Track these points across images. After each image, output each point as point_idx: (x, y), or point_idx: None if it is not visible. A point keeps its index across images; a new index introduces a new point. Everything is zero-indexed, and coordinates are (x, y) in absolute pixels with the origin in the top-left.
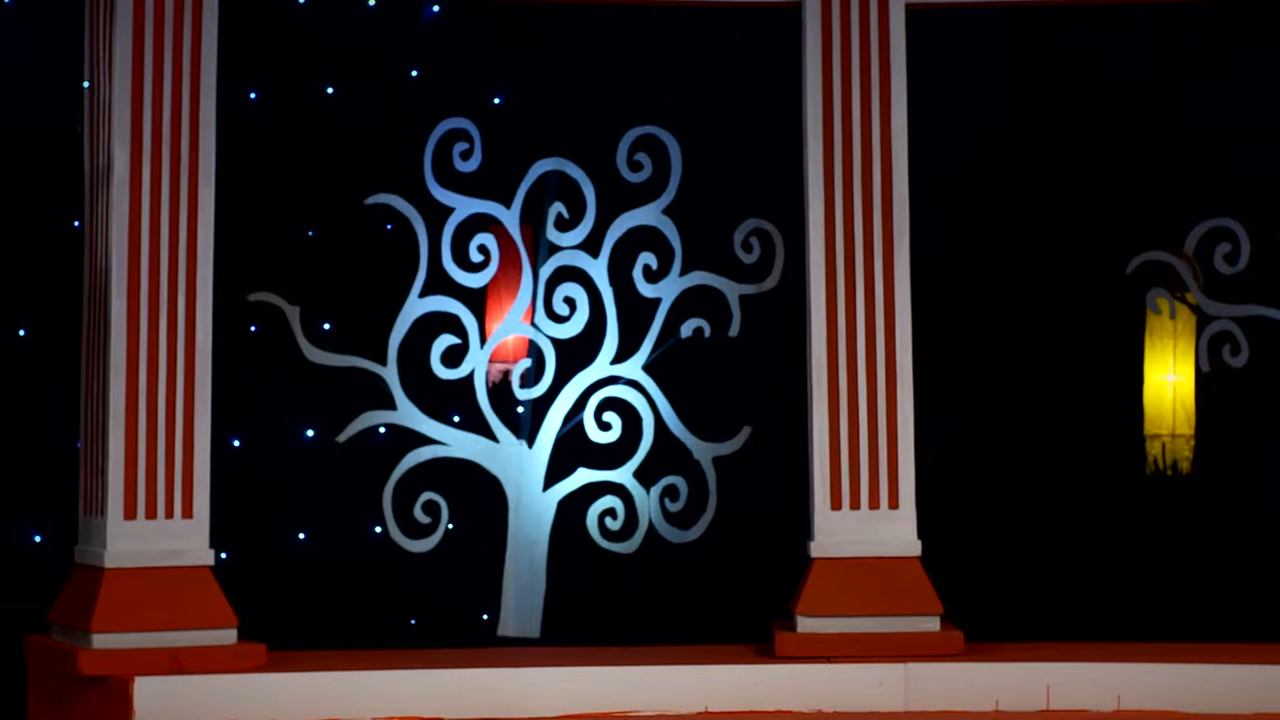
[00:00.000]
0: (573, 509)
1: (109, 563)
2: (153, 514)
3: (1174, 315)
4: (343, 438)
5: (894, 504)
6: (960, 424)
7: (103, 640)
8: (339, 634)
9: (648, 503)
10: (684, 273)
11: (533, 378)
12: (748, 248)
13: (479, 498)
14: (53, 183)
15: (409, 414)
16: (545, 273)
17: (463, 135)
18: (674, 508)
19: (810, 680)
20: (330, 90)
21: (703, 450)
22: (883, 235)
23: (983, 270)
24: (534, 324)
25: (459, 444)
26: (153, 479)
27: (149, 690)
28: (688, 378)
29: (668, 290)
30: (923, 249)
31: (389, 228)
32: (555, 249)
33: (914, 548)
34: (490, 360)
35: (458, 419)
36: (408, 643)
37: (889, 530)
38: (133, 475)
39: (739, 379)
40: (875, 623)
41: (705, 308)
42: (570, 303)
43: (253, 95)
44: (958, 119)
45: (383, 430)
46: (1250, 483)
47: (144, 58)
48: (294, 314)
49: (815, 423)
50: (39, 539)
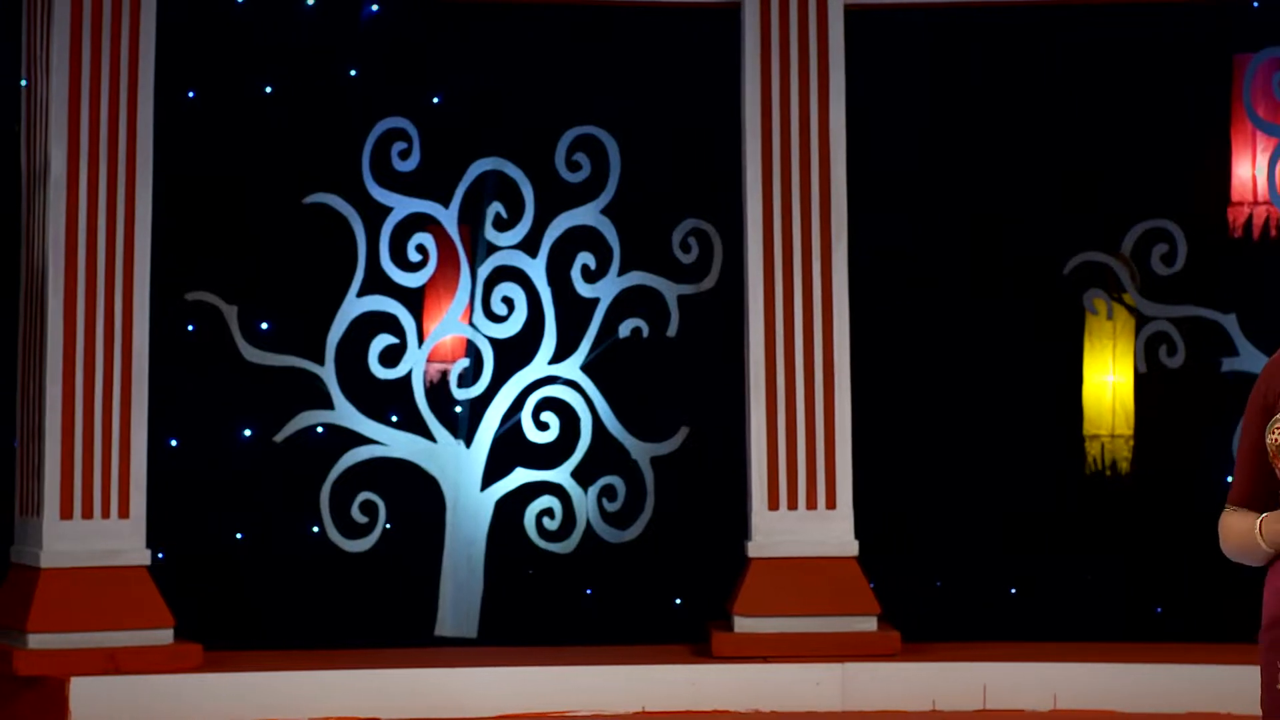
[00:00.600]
0: (510, 509)
1: (45, 563)
2: (89, 514)
3: (1111, 316)
4: (280, 437)
5: (831, 504)
6: (898, 425)
7: (38, 640)
8: (276, 634)
9: (585, 503)
10: (622, 273)
11: (471, 377)
12: (686, 248)
13: (416, 497)
14: None
15: (346, 414)
16: (483, 272)
17: (401, 135)
18: (612, 508)
19: (747, 680)
20: (269, 90)
21: (641, 450)
22: (821, 236)
23: (918, 271)
24: (472, 324)
25: (396, 444)
26: (89, 479)
27: (85, 691)
28: (626, 378)
29: (606, 290)
30: (857, 251)
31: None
32: (493, 249)
33: (851, 548)
34: (428, 360)
35: (395, 419)
36: (345, 643)
37: (826, 530)
38: (69, 475)
39: (677, 379)
40: (812, 623)
41: (643, 308)
42: (508, 302)
43: (191, 94)
44: (894, 119)
45: (320, 430)
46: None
47: (81, 56)
48: (231, 314)
49: (753, 423)
50: None
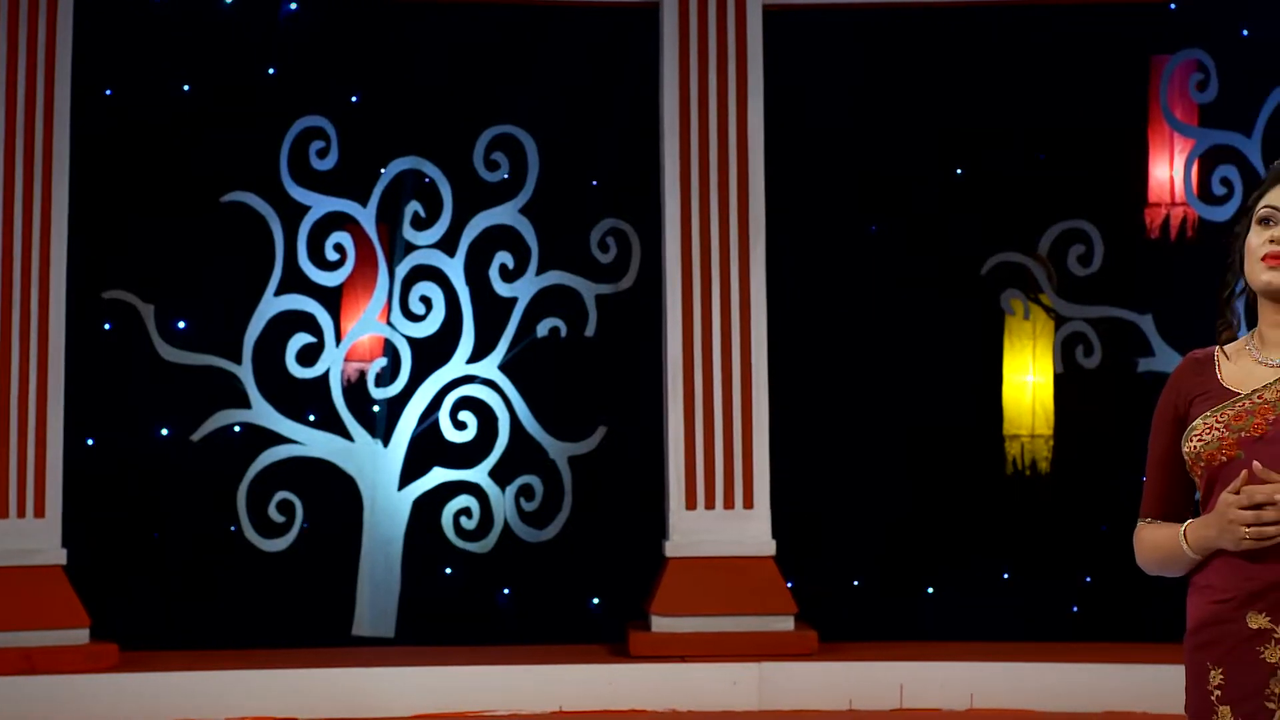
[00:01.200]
0: (428, 508)
1: None
2: (4, 513)
3: (1028, 316)
4: (197, 436)
5: (749, 504)
6: (816, 425)
7: None
8: (193, 634)
9: (503, 502)
10: (540, 272)
11: (388, 377)
12: (604, 247)
13: (334, 497)
14: None
15: (264, 413)
16: (401, 271)
17: (319, 134)
18: (529, 507)
19: (664, 680)
20: (186, 88)
21: (558, 450)
22: (739, 236)
23: (835, 272)
24: (390, 323)
25: (314, 443)
26: (4, 478)
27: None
28: (544, 377)
29: (524, 290)
30: (775, 251)
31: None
32: (411, 248)
33: (769, 547)
34: (346, 359)
35: (313, 418)
36: (262, 642)
37: (744, 530)
38: None
39: (595, 379)
40: (730, 622)
41: (561, 307)
42: (426, 302)
43: (108, 92)
44: (811, 122)
45: (237, 429)
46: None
47: None
48: (148, 312)
49: (670, 423)
50: None
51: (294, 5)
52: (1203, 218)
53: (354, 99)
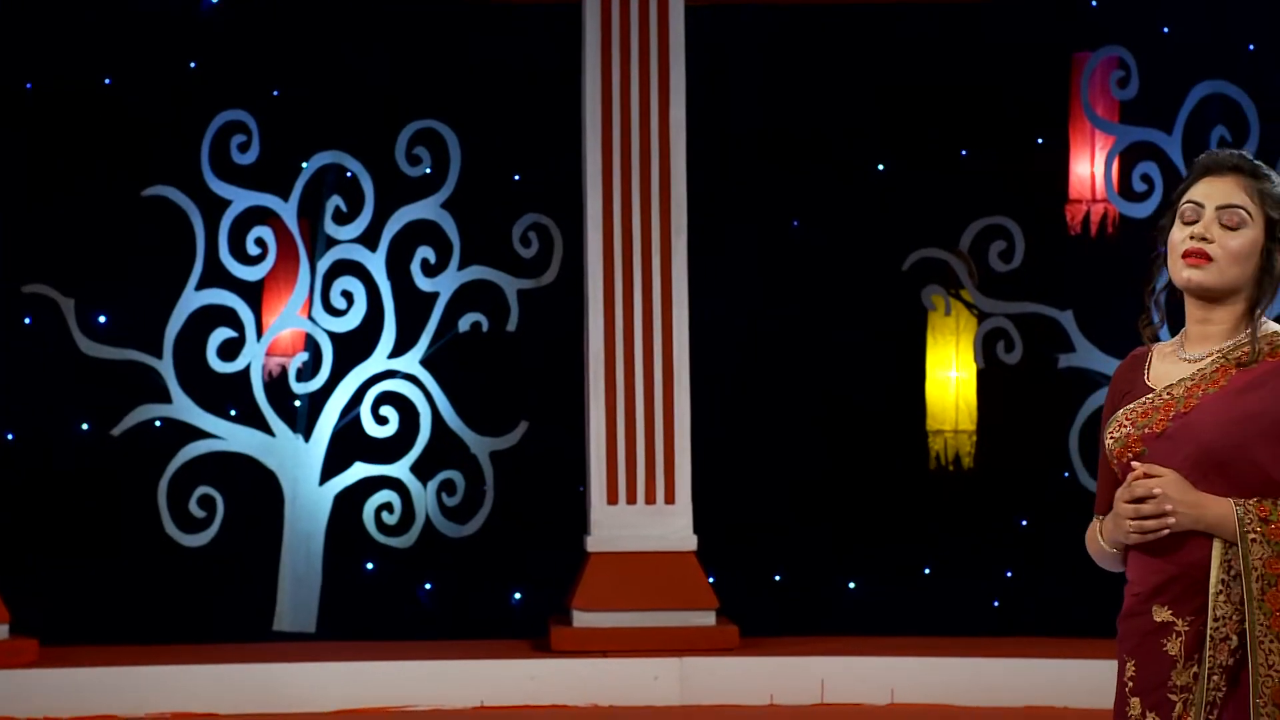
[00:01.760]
0: (349, 503)
1: None
2: None
3: (949, 312)
4: (118, 431)
5: (670, 499)
6: (739, 420)
7: None
8: (113, 629)
9: (425, 497)
10: (462, 267)
11: (310, 371)
12: (526, 242)
13: (255, 492)
14: None
15: (184, 407)
16: (323, 266)
17: (241, 127)
18: (451, 502)
19: (586, 675)
20: (108, 81)
21: (480, 445)
22: (661, 232)
23: (758, 267)
24: (311, 317)
25: (235, 438)
26: None
27: None
28: (465, 372)
29: (446, 284)
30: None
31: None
32: (333, 242)
33: (690, 542)
34: (267, 353)
35: (234, 412)
36: (183, 637)
37: (665, 525)
38: None
39: (517, 374)
40: (651, 617)
41: (483, 302)
42: (348, 296)
43: (29, 85)
44: (731, 117)
45: (158, 424)
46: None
47: None
48: (68, 306)
49: (592, 418)
50: None
51: None
52: (1123, 214)
53: (275, 93)
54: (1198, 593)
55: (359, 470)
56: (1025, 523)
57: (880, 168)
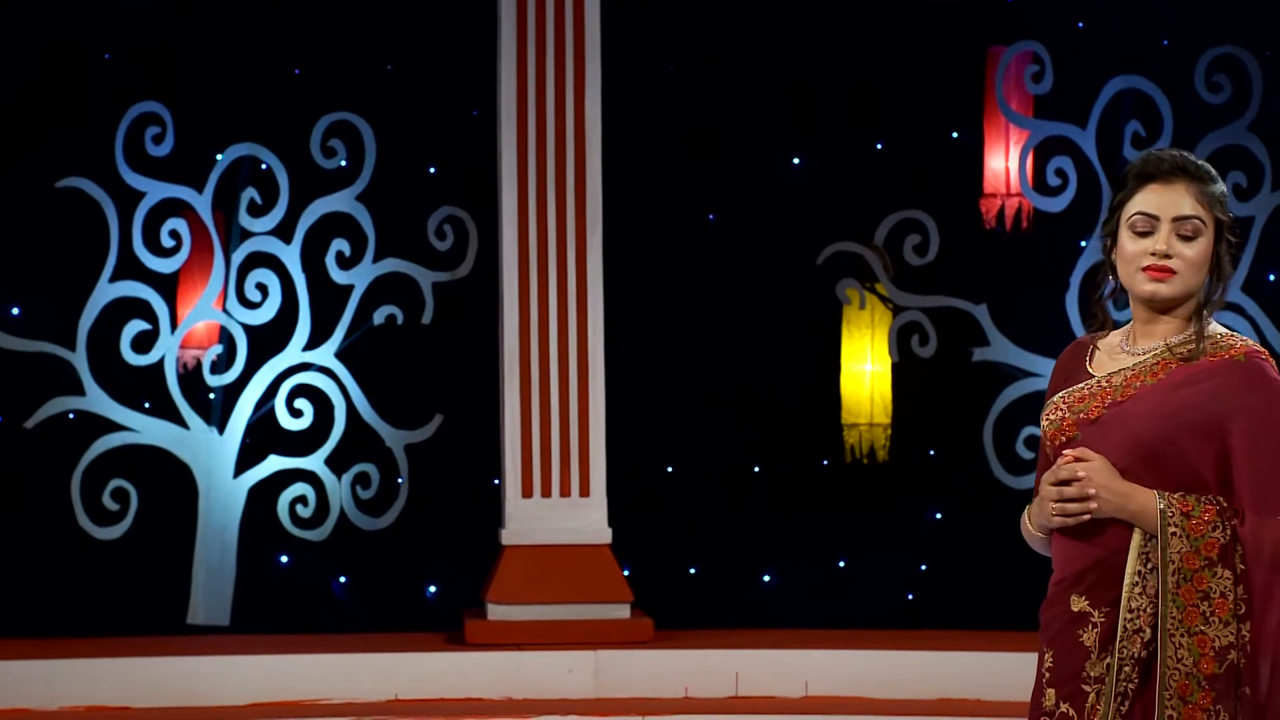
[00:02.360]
0: (263, 496)
1: None
2: None
3: (864, 305)
4: (30, 424)
5: (585, 492)
6: (654, 413)
7: None
8: (25, 622)
9: (339, 490)
10: (377, 259)
11: (224, 364)
12: (441, 235)
13: (169, 485)
14: None
15: (98, 400)
16: (238, 258)
17: (155, 119)
18: (366, 495)
19: (500, 668)
20: (20, 72)
21: (395, 438)
22: (576, 225)
23: (674, 261)
24: (226, 310)
25: (149, 430)
26: None
27: None
28: (380, 365)
29: (361, 277)
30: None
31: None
32: (248, 234)
33: (605, 535)
34: (181, 346)
35: (148, 405)
36: (96, 631)
37: (580, 518)
38: None
39: (431, 367)
40: (566, 610)
41: (398, 295)
42: (262, 289)
43: None
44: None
45: (71, 416)
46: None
47: None
48: None
49: (507, 411)
50: None
51: None
52: (1038, 208)
53: (190, 84)
54: (1114, 583)
55: (273, 463)
56: (940, 516)
57: (795, 162)
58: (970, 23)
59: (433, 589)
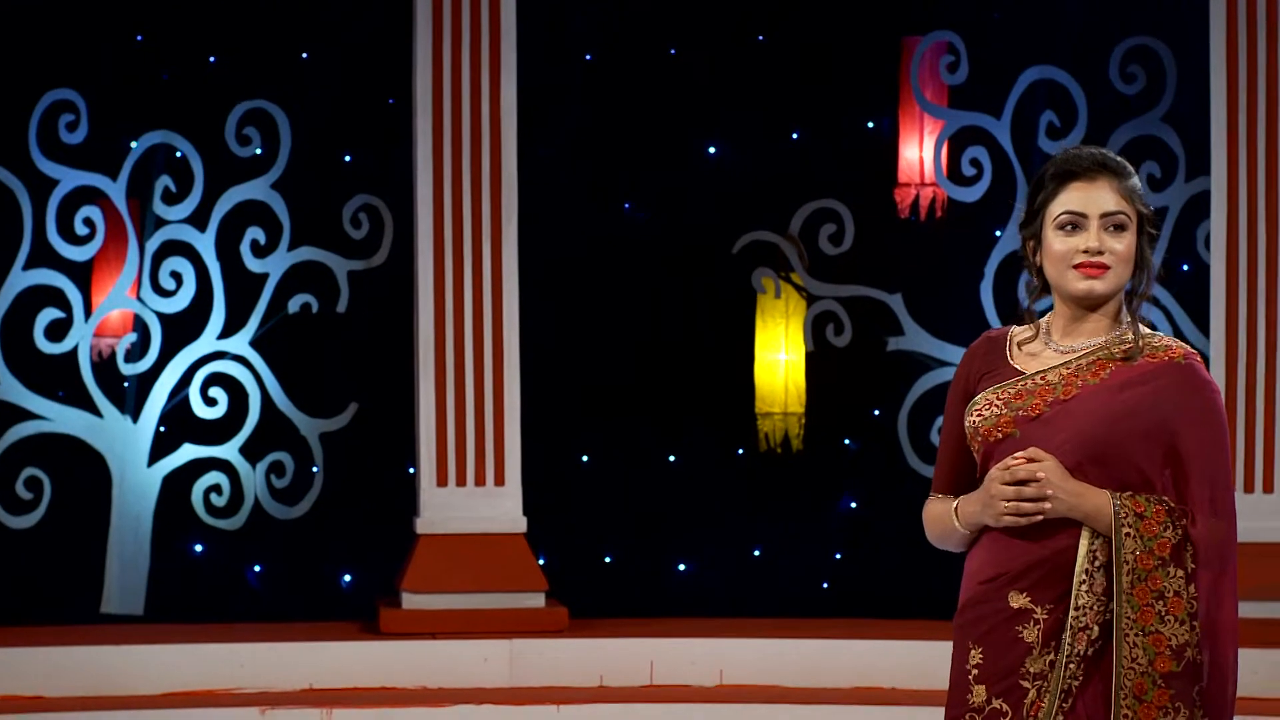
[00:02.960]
0: (178, 485)
1: None
2: None
3: (779, 295)
4: None
5: (500, 481)
6: (569, 402)
7: None
8: None
9: (254, 479)
10: (292, 248)
11: (138, 352)
12: (357, 223)
13: (83, 473)
14: None
15: (11, 388)
16: (152, 246)
17: (69, 106)
18: (280, 484)
19: (415, 657)
20: None
21: (310, 426)
22: (491, 215)
23: (589, 250)
24: (140, 298)
25: (62, 419)
26: None
27: None
28: (295, 353)
29: (275, 265)
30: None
31: None
32: (162, 222)
33: (520, 524)
34: (95, 334)
35: (62, 394)
36: (8, 620)
37: (495, 507)
38: None
39: (347, 355)
40: (481, 599)
41: (313, 283)
42: (177, 277)
43: None
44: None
45: None
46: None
47: None
48: None
49: (422, 400)
50: None
51: None
52: (952, 198)
53: (104, 71)
54: (1060, 580)
55: (188, 452)
56: (854, 505)
57: (712, 151)
58: (886, 13)
59: (347, 578)
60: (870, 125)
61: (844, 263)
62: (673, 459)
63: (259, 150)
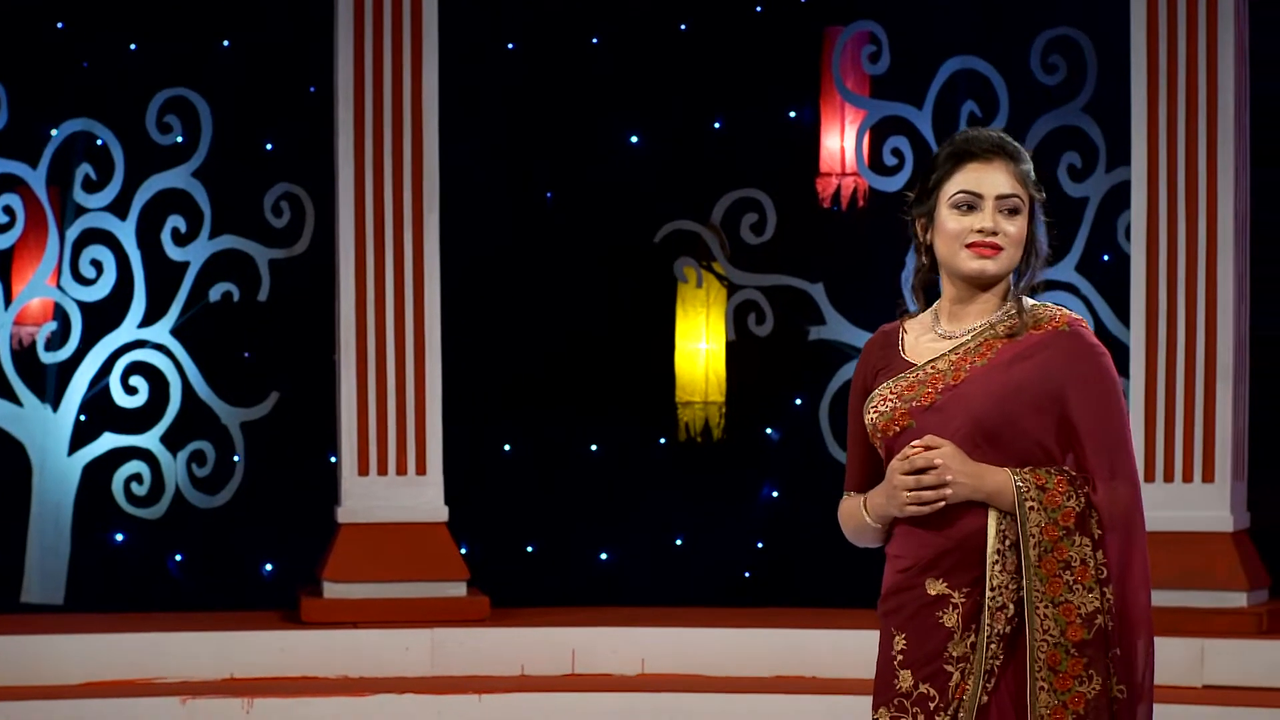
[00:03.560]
0: (98, 474)
1: None
2: None
3: (701, 284)
4: None
5: (421, 470)
6: (491, 391)
7: None
8: None
9: (175, 468)
10: (213, 236)
11: (58, 341)
12: (278, 212)
13: (2, 462)
14: None
15: None
16: (72, 235)
17: None
18: (201, 473)
19: (336, 646)
20: None
21: (231, 415)
22: (413, 205)
23: (511, 240)
24: (60, 286)
25: None
26: None
27: None
28: (216, 342)
29: (196, 253)
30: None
31: None
32: (82, 210)
33: (441, 514)
34: (15, 323)
35: None
36: None
37: (417, 496)
38: None
39: (268, 344)
40: (402, 588)
41: (234, 272)
42: (97, 265)
43: None
44: (486, 87)
45: None
46: (780, 449)
47: None
48: None
49: (343, 389)
50: None
51: None
52: (874, 188)
53: (23, 59)
54: (973, 564)
55: (108, 441)
56: (776, 494)
57: (633, 140)
58: (808, 2)
59: (269, 567)
60: (792, 115)
61: (765, 252)
62: (594, 448)
63: (180, 138)
